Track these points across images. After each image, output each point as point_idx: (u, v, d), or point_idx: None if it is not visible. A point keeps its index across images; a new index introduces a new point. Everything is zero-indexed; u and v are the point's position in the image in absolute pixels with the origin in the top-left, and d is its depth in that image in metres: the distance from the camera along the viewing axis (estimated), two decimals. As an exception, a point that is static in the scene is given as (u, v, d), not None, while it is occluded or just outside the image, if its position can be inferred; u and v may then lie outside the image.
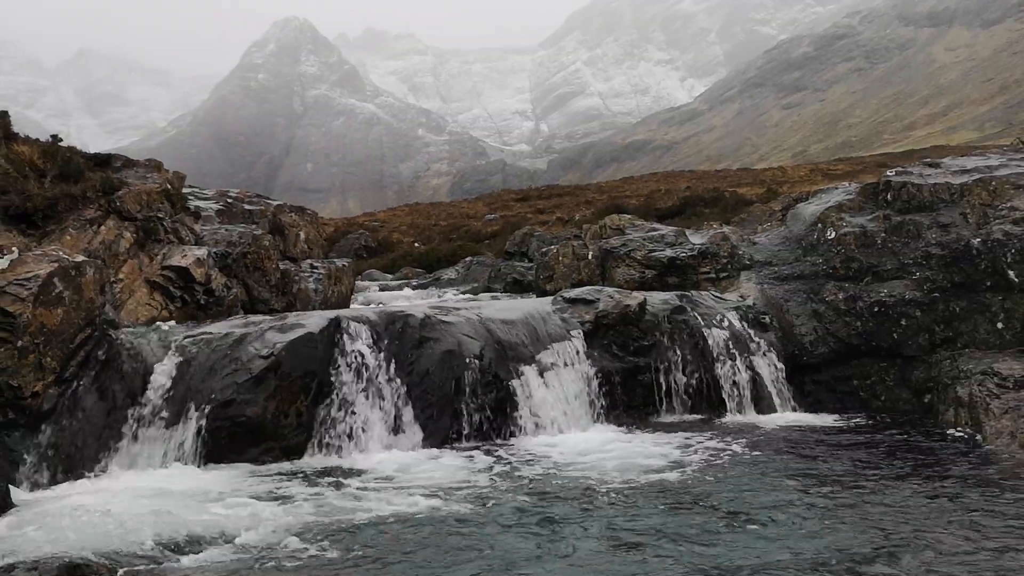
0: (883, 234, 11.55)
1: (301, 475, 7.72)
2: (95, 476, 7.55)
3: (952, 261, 10.94)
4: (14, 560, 5.25)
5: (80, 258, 8.25)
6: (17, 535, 5.93)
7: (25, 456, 7.24)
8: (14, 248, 7.82)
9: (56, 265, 7.78)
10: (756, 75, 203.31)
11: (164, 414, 8.00)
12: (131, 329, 9.01)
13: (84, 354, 7.94)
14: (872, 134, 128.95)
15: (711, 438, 9.02)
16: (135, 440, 7.84)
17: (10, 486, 6.93)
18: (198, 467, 7.86)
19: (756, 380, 10.77)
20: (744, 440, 8.87)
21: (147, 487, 7.25)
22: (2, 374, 7.11)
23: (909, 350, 10.79)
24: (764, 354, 10.95)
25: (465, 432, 9.11)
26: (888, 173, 12.75)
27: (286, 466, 8.08)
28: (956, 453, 8.22)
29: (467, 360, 9.38)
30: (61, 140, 11.62)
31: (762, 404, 10.64)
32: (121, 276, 9.93)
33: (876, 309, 10.99)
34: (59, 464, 7.41)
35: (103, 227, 10.08)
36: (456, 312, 10.22)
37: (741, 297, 11.92)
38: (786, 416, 10.39)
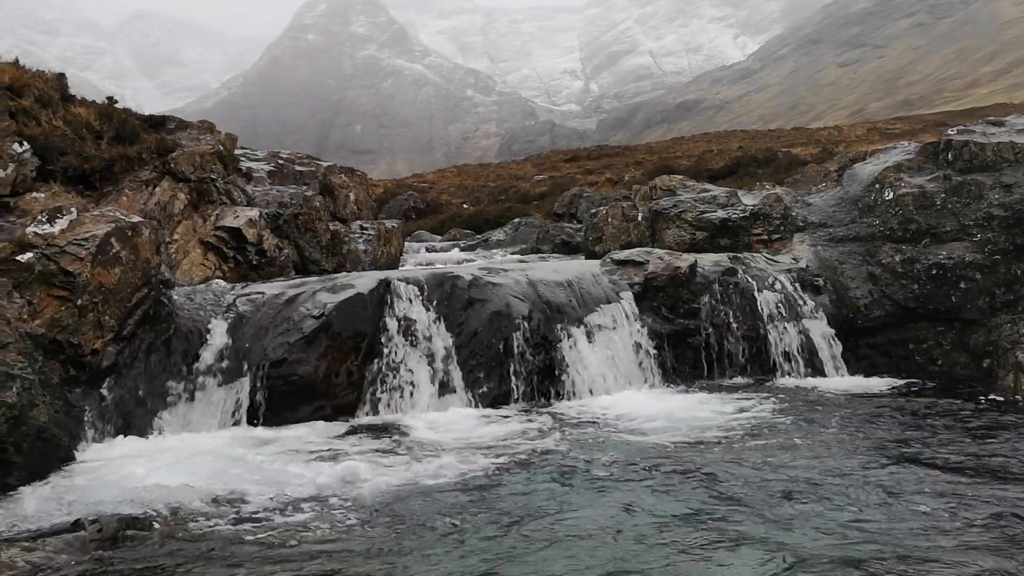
0: (943, 195, 11.24)
1: (352, 433, 7.83)
2: (153, 433, 7.73)
3: (1015, 223, 10.62)
4: (77, 514, 5.42)
5: (136, 218, 8.38)
6: (79, 489, 6.12)
7: (86, 412, 7.43)
8: (72, 208, 7.96)
9: (113, 225, 7.91)
10: (813, 31, 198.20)
11: (219, 373, 8.15)
12: (186, 289, 9.16)
13: (141, 313, 8.09)
14: (933, 92, 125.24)
15: (762, 401, 8.92)
16: (191, 398, 8.01)
17: (72, 441, 7.14)
18: (252, 425, 8.02)
19: (808, 343, 10.62)
20: (797, 404, 8.76)
21: (202, 444, 7.42)
22: (63, 332, 7.28)
23: (968, 314, 10.54)
24: (817, 317, 10.78)
25: (514, 393, 9.14)
26: (949, 132, 12.37)
27: (337, 425, 8.20)
28: (1015, 419, 8.04)
29: (516, 321, 9.38)
30: (116, 102, 11.78)
31: (814, 368, 10.50)
32: (176, 237, 10.09)
33: (934, 272, 10.74)
34: (118, 420, 7.60)
35: (158, 188, 10.23)
36: (504, 273, 10.21)
37: (794, 259, 11.72)
38: (839, 380, 10.24)
